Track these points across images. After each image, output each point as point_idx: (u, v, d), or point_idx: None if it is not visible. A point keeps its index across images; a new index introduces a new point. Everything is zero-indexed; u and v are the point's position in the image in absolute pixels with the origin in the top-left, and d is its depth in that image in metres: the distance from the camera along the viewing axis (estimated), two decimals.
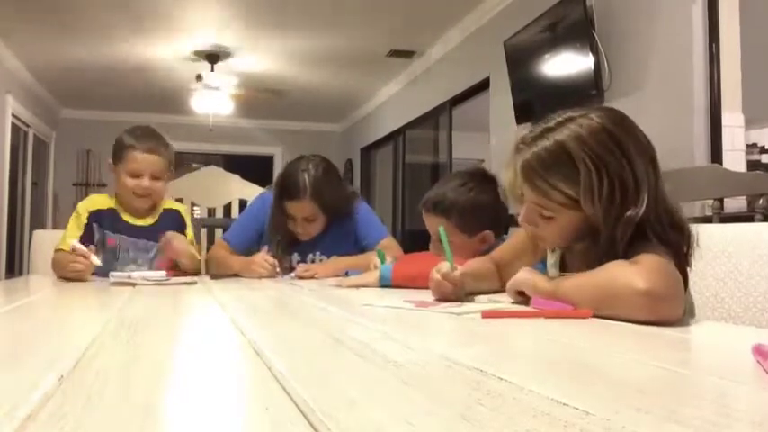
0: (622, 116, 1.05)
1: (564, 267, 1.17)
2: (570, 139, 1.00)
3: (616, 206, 0.98)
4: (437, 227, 1.56)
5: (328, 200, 1.99)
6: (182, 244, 1.90)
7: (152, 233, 1.96)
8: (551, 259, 1.20)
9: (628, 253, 0.97)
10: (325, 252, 2.10)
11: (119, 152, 1.95)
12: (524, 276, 1.10)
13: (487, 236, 1.64)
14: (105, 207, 1.96)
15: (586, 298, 0.95)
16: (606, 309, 0.91)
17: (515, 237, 1.39)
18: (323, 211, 1.99)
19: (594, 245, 1.02)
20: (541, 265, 1.53)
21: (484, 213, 1.63)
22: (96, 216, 1.94)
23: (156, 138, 1.98)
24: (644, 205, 0.97)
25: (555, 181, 1.01)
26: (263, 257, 1.93)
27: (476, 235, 1.63)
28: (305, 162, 2.01)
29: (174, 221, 2.03)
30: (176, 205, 2.13)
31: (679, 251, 1.00)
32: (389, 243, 2.10)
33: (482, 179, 1.68)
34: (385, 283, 1.51)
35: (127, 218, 1.97)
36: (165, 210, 2.05)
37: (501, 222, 1.69)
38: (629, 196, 0.98)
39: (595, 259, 1.00)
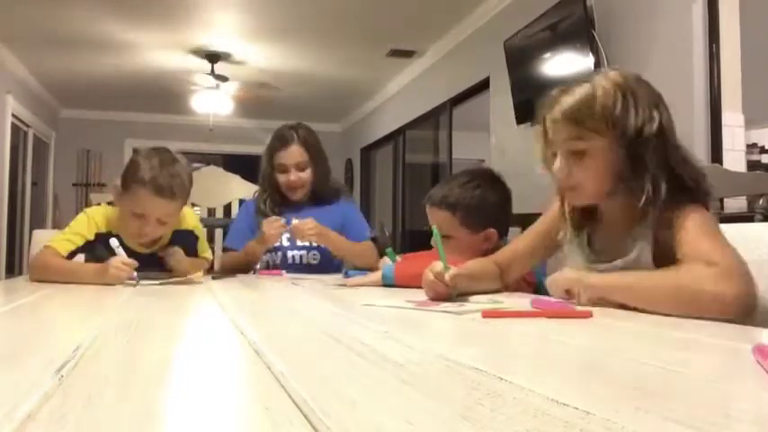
0: (635, 73, 1.16)
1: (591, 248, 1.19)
2: (599, 80, 1.11)
3: (645, 133, 1.06)
4: (442, 221, 1.56)
5: (316, 151, 2.18)
6: (180, 264, 1.74)
7: (161, 260, 1.78)
8: (574, 243, 1.21)
9: (666, 211, 1.03)
10: None
11: (127, 179, 1.68)
12: (572, 275, 1.11)
13: (491, 234, 1.64)
14: (113, 231, 1.73)
15: (658, 300, 0.95)
16: (684, 312, 0.91)
17: (520, 239, 1.40)
18: (312, 158, 2.15)
19: (629, 200, 1.07)
20: (543, 268, 1.54)
21: (489, 212, 1.64)
22: (102, 239, 1.71)
23: (172, 176, 1.65)
24: (670, 138, 1.08)
25: (593, 109, 1.08)
26: (269, 222, 2.02)
27: (479, 233, 1.63)
28: (291, 124, 2.22)
29: (186, 241, 1.85)
30: (191, 223, 1.91)
31: (707, 199, 1.07)
32: (368, 246, 2.17)
33: (489, 178, 1.70)
34: (388, 283, 1.51)
35: (132, 245, 1.74)
36: (176, 231, 1.83)
37: (505, 222, 1.70)
38: (657, 127, 1.07)
39: (630, 217, 1.08)
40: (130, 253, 1.65)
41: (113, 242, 1.61)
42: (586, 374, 0.58)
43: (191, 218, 1.95)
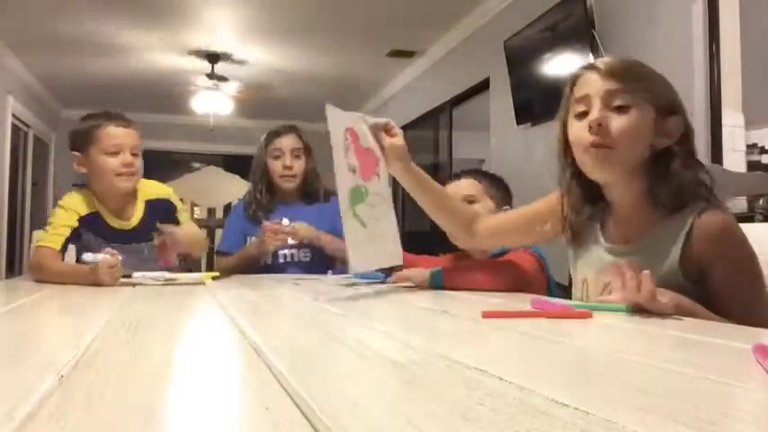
0: None
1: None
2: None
3: (677, 113, 1.05)
4: (468, 186, 1.66)
5: (308, 144, 2.26)
6: (179, 240, 1.80)
7: (140, 233, 1.83)
8: (586, 230, 1.18)
9: (688, 206, 1.02)
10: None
11: (88, 136, 1.78)
12: (683, 305, 0.93)
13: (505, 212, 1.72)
14: (91, 211, 1.81)
15: None
16: None
17: (509, 213, 1.38)
18: (305, 150, 2.23)
19: (656, 173, 1.05)
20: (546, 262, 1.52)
21: (508, 191, 1.74)
22: (84, 222, 1.78)
23: (121, 114, 1.83)
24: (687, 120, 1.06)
25: (639, 73, 1.07)
26: (269, 227, 2.05)
27: (500, 208, 1.68)
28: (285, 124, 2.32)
29: (163, 212, 1.89)
30: (161, 191, 1.95)
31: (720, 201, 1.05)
32: None
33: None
34: (436, 285, 1.49)
35: (111, 222, 1.83)
36: (148, 201, 1.89)
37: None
38: (684, 114, 1.07)
39: (643, 205, 1.06)
40: (115, 232, 1.75)
41: (86, 256, 1.60)
42: (587, 374, 0.58)
43: (165, 190, 1.96)
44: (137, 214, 1.87)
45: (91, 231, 1.76)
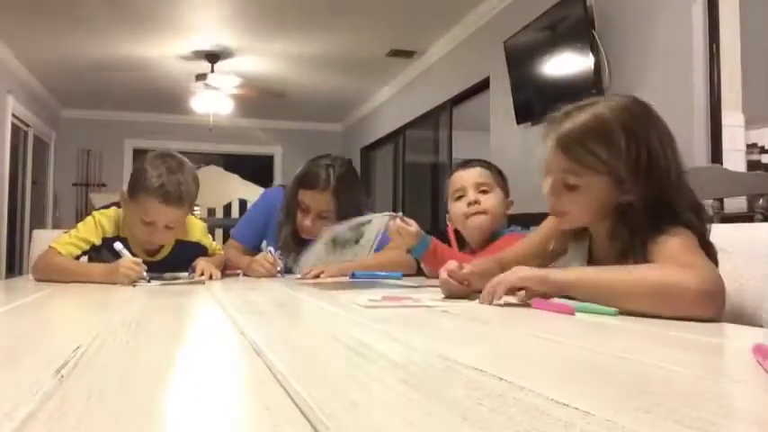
0: (646, 102, 1.12)
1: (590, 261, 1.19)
2: (604, 109, 1.08)
3: (642, 171, 1.04)
4: (481, 174, 1.76)
5: (346, 200, 1.94)
6: (213, 271, 1.75)
7: (165, 267, 1.76)
8: (575, 252, 1.22)
9: (652, 234, 1.01)
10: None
11: (134, 187, 1.66)
12: (529, 272, 1.07)
13: (511, 203, 1.80)
14: (119, 235, 1.75)
15: (632, 296, 0.93)
16: (658, 309, 0.90)
17: (524, 242, 1.40)
18: (337, 210, 1.92)
19: (620, 224, 1.07)
20: None
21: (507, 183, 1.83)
22: (108, 244, 1.71)
23: (180, 183, 1.65)
24: (669, 174, 1.05)
25: (591, 145, 1.07)
26: (264, 257, 1.93)
27: (506, 198, 1.78)
28: (331, 159, 2.00)
29: (192, 254, 1.83)
30: (196, 234, 1.89)
31: (701, 230, 1.04)
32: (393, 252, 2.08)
33: None
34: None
35: (137, 251, 1.74)
36: (178, 241, 1.82)
37: None
38: (655, 164, 1.05)
39: (622, 240, 1.06)
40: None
41: (117, 245, 1.61)
42: (586, 374, 0.58)
43: (196, 228, 1.90)
44: (163, 251, 1.82)
45: (112, 254, 1.65)
